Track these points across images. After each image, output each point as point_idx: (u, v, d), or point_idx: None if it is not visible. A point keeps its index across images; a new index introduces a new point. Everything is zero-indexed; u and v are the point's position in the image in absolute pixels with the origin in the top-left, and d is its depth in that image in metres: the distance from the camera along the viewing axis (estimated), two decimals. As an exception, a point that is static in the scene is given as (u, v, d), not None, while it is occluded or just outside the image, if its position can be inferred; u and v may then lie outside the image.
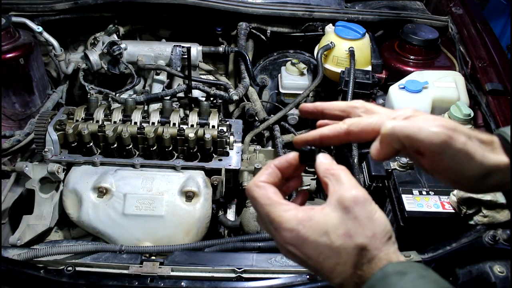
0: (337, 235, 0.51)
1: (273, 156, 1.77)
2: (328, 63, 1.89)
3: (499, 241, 1.11)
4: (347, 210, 0.52)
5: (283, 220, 0.54)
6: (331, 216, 0.53)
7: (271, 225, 0.56)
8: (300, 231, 0.53)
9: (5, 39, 1.70)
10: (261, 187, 0.58)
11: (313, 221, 0.53)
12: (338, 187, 0.54)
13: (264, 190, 0.58)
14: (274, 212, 0.55)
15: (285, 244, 0.55)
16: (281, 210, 0.55)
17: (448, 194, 1.28)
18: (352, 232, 0.51)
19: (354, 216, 0.52)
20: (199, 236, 1.40)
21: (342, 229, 0.52)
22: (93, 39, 1.99)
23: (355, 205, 0.52)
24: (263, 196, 0.57)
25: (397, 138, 0.57)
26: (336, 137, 0.63)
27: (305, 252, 0.53)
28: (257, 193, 0.58)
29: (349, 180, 0.55)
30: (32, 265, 1.09)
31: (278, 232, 0.55)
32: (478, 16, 2.09)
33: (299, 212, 0.54)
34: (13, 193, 1.51)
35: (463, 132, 0.57)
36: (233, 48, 2.00)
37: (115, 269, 1.13)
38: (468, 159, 0.56)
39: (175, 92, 1.74)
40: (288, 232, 0.54)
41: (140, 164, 1.44)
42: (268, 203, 0.56)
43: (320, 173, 0.58)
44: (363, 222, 0.52)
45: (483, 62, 1.77)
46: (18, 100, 1.76)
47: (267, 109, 2.07)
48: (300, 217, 0.54)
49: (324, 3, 2.17)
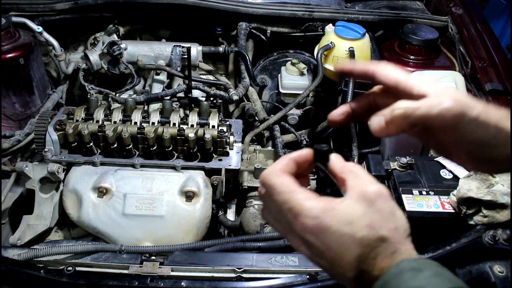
0: (360, 226, 0.51)
1: (273, 156, 1.77)
2: (328, 63, 1.88)
3: (499, 241, 1.10)
4: (371, 203, 0.52)
5: (305, 208, 0.53)
6: (354, 208, 0.52)
7: (290, 213, 0.54)
8: (324, 219, 0.51)
9: (5, 39, 1.70)
10: (279, 175, 0.57)
11: (336, 211, 0.52)
12: (358, 182, 0.54)
13: (283, 178, 0.56)
14: (295, 199, 0.54)
15: (304, 232, 0.53)
16: (302, 198, 0.54)
17: (448, 194, 1.28)
18: (376, 224, 0.51)
19: (377, 209, 0.52)
20: (199, 236, 1.40)
21: (365, 220, 0.51)
22: (93, 39, 1.99)
23: (378, 198, 0.52)
24: (282, 183, 0.56)
25: (409, 121, 0.57)
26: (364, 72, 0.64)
27: (325, 241, 0.52)
28: (274, 180, 0.56)
29: (369, 177, 0.55)
30: (32, 265, 1.09)
31: (297, 220, 0.53)
32: (478, 16, 2.09)
33: (321, 201, 0.53)
34: (13, 193, 1.52)
35: (475, 103, 0.57)
36: (233, 48, 2.00)
37: (115, 269, 1.13)
38: (484, 127, 0.56)
39: (175, 92, 1.74)
40: (310, 220, 0.52)
41: (140, 164, 1.44)
42: (288, 190, 0.55)
43: (337, 169, 0.57)
44: (386, 216, 0.52)
45: (483, 62, 1.77)
46: (18, 100, 1.76)
47: (267, 109, 2.07)
48: (322, 205, 0.52)
49: (324, 3, 2.17)
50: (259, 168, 1.58)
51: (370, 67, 0.64)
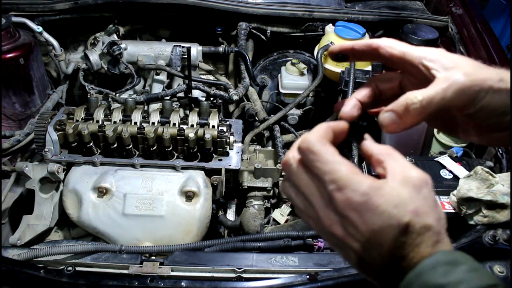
0: (407, 210, 0.47)
1: (273, 156, 1.77)
2: (328, 63, 1.89)
3: (499, 241, 1.10)
4: (418, 188, 0.49)
5: (354, 182, 0.49)
6: (400, 191, 0.48)
7: (333, 184, 0.49)
8: (372, 197, 0.48)
9: (5, 39, 1.70)
10: (323, 142, 0.52)
11: (384, 190, 0.48)
12: (399, 165, 0.50)
13: (328, 147, 0.51)
14: (341, 170, 0.49)
15: (347, 208, 0.49)
16: (350, 171, 0.49)
17: (448, 194, 1.28)
18: (422, 211, 0.48)
19: (423, 196, 0.49)
20: (199, 236, 1.40)
21: (412, 205, 0.48)
22: (93, 39, 1.99)
23: (425, 185, 0.50)
24: (327, 152, 0.51)
25: (427, 112, 0.54)
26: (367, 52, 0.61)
27: (369, 221, 0.48)
28: (318, 147, 0.51)
29: (408, 162, 0.52)
30: (32, 265, 1.09)
31: (342, 193, 0.49)
32: (478, 16, 2.09)
33: (368, 178, 0.49)
34: (13, 193, 1.51)
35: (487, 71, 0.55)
36: (233, 48, 2.00)
37: (115, 269, 1.13)
38: (497, 94, 0.55)
39: (175, 92, 1.74)
40: (357, 195, 0.48)
41: (140, 164, 1.44)
42: (334, 160, 0.50)
43: (374, 150, 0.54)
44: (432, 204, 0.49)
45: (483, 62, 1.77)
46: (18, 100, 1.76)
47: (267, 109, 2.07)
48: (370, 182, 0.49)
49: (324, 3, 2.17)
50: (259, 168, 1.58)
51: (373, 42, 0.61)
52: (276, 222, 1.55)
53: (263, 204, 1.59)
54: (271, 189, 1.60)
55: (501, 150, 1.48)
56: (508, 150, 1.45)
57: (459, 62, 0.56)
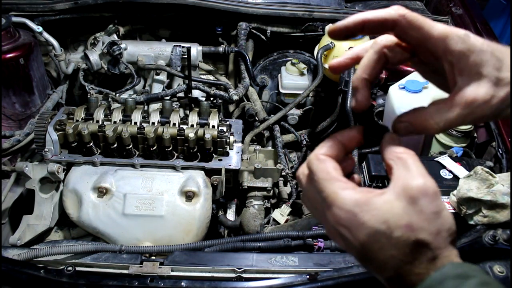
0: (397, 225, 0.46)
1: (273, 156, 1.77)
2: (328, 63, 1.88)
3: (499, 241, 1.10)
4: (413, 200, 0.47)
5: (339, 198, 0.49)
6: (393, 205, 0.47)
7: (324, 202, 0.51)
8: (357, 214, 0.48)
9: (5, 39, 1.70)
10: (321, 160, 0.54)
11: (372, 206, 0.48)
12: (404, 174, 0.49)
13: (324, 164, 0.53)
14: (330, 188, 0.51)
15: (337, 225, 0.50)
16: (338, 187, 0.50)
17: (448, 194, 1.28)
18: (415, 225, 0.46)
19: (420, 209, 0.46)
20: (199, 236, 1.40)
21: (404, 220, 0.46)
22: (93, 39, 1.99)
23: (422, 196, 0.47)
24: (321, 170, 0.52)
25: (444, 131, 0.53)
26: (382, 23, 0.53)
27: (359, 237, 0.48)
28: (315, 166, 0.53)
29: (418, 168, 0.49)
30: (32, 265, 1.09)
31: (331, 211, 0.50)
32: (478, 16, 2.09)
33: (357, 193, 0.49)
34: (13, 193, 1.52)
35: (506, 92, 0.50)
36: (233, 48, 2.00)
37: (115, 269, 1.13)
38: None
39: (175, 92, 1.74)
40: (343, 213, 0.49)
41: (140, 164, 1.44)
42: (326, 178, 0.52)
43: (386, 155, 0.53)
44: (428, 217, 0.46)
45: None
46: (18, 100, 1.76)
47: (267, 109, 2.07)
48: (357, 198, 0.48)
49: (324, 3, 2.17)
50: (259, 168, 1.58)
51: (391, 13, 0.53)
52: (276, 222, 1.55)
53: (263, 204, 1.59)
54: (271, 189, 1.60)
55: (501, 150, 1.48)
56: (508, 150, 1.45)
57: (483, 67, 0.50)
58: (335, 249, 1.30)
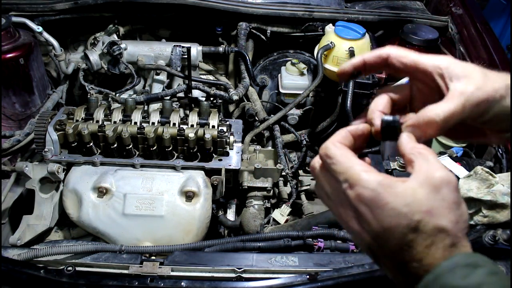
0: (419, 210, 0.47)
1: (273, 156, 1.77)
2: (328, 63, 1.89)
3: (499, 241, 1.10)
4: (437, 189, 0.48)
5: (363, 179, 0.51)
6: (416, 191, 0.48)
7: (346, 183, 0.52)
8: (381, 193, 0.49)
9: (5, 39, 1.70)
10: (339, 146, 0.55)
11: (396, 189, 0.49)
12: (426, 166, 0.51)
13: (343, 150, 0.55)
14: (353, 169, 0.52)
15: (358, 202, 0.50)
16: (360, 170, 0.52)
17: (448, 194, 1.28)
18: (436, 211, 0.48)
19: (442, 197, 0.48)
20: (199, 236, 1.40)
21: (426, 205, 0.48)
22: (93, 39, 1.99)
23: (446, 186, 0.49)
24: (342, 154, 0.54)
25: (447, 126, 0.56)
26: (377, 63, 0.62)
27: (379, 217, 0.49)
28: (333, 151, 0.55)
29: (438, 161, 0.52)
30: (32, 265, 1.09)
31: (353, 190, 0.51)
32: (478, 16, 2.09)
33: (380, 176, 0.51)
34: (13, 193, 1.52)
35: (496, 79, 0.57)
36: (233, 48, 2.00)
37: (115, 269, 1.13)
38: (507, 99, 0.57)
39: (175, 92, 1.74)
40: (367, 191, 0.50)
41: (140, 164, 1.44)
42: (347, 161, 0.53)
43: (406, 150, 0.54)
44: (449, 205, 0.48)
45: (483, 62, 1.77)
46: (18, 100, 1.76)
47: (267, 109, 2.07)
48: (381, 180, 0.50)
49: (324, 3, 2.17)
50: (259, 168, 1.58)
51: (382, 52, 0.62)
52: (276, 222, 1.55)
53: (263, 204, 1.59)
54: (271, 189, 1.60)
55: (501, 150, 1.48)
56: (508, 150, 1.45)
57: (469, 71, 0.57)
58: (335, 249, 1.30)
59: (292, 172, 1.72)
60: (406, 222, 0.48)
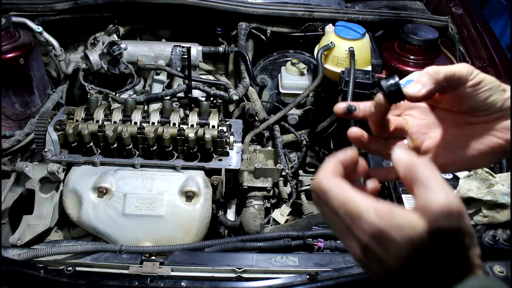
0: (422, 245, 0.46)
1: (273, 156, 1.77)
2: (328, 63, 1.88)
3: (499, 241, 1.10)
4: (435, 222, 0.47)
5: (364, 212, 0.49)
6: (415, 223, 0.47)
7: (347, 216, 0.51)
8: (385, 227, 0.48)
9: (5, 39, 1.70)
10: (330, 178, 0.54)
11: (398, 219, 0.47)
12: (423, 191, 0.48)
13: (336, 181, 0.53)
14: (353, 202, 0.50)
15: (364, 237, 0.49)
16: (360, 202, 0.50)
17: (448, 194, 1.28)
18: (442, 242, 0.47)
19: (446, 228, 0.47)
20: (199, 236, 1.40)
21: (428, 240, 0.46)
22: (93, 39, 1.99)
23: (445, 218, 0.47)
24: (337, 187, 0.52)
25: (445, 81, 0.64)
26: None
27: (387, 249, 0.48)
28: (327, 185, 0.53)
29: (436, 181, 0.48)
30: (32, 265, 1.09)
31: (356, 224, 0.50)
32: (478, 16, 2.09)
33: (380, 205, 0.49)
34: (13, 193, 1.51)
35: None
36: (233, 48, 2.00)
37: (115, 269, 1.13)
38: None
39: (175, 92, 1.74)
40: (370, 225, 0.48)
41: (140, 164, 1.44)
42: (342, 193, 0.52)
43: (400, 171, 0.52)
44: (455, 236, 0.47)
45: (483, 62, 1.77)
46: (18, 100, 1.76)
47: (267, 109, 2.07)
48: (383, 211, 0.48)
49: (324, 3, 2.17)
50: (259, 168, 1.58)
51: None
52: (276, 222, 1.55)
53: (263, 204, 1.59)
54: (271, 189, 1.60)
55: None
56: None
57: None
58: (335, 249, 1.30)
59: (292, 172, 1.72)
60: (413, 257, 0.47)
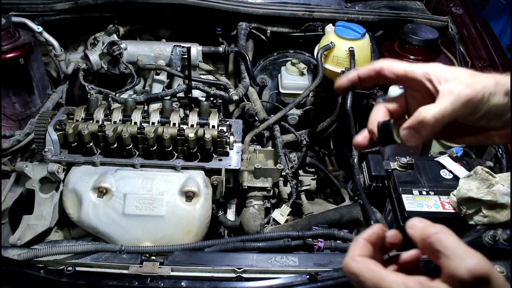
0: None
1: (273, 156, 1.77)
2: (328, 63, 1.88)
3: (499, 241, 1.10)
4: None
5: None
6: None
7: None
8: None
9: (5, 39, 1.70)
10: (359, 260, 0.54)
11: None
12: (446, 261, 0.49)
13: (364, 262, 0.53)
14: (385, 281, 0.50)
15: None
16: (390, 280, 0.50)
17: (448, 194, 1.28)
18: None
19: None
20: (199, 236, 1.40)
21: None
22: (93, 39, 1.99)
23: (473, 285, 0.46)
24: (365, 269, 0.53)
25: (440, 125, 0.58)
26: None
27: None
28: (356, 267, 0.53)
29: (456, 248, 0.49)
30: (32, 265, 1.09)
31: None
32: (478, 16, 2.09)
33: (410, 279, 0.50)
34: (13, 193, 1.51)
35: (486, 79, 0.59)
36: (233, 48, 2.00)
37: (115, 269, 1.13)
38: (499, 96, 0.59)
39: (175, 92, 1.74)
40: None
41: (140, 164, 1.44)
42: (374, 275, 0.52)
43: (418, 243, 0.53)
44: None
45: (483, 62, 1.77)
46: (18, 100, 1.76)
47: (267, 109, 2.07)
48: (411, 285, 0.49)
49: (324, 3, 2.17)
50: (259, 168, 1.58)
51: (375, 65, 0.65)
52: (276, 222, 1.55)
53: (263, 204, 1.59)
54: (271, 189, 1.60)
55: (501, 150, 1.48)
56: (508, 150, 1.45)
57: (457, 73, 0.60)
58: (335, 249, 1.30)
59: (292, 172, 1.72)
60: None
